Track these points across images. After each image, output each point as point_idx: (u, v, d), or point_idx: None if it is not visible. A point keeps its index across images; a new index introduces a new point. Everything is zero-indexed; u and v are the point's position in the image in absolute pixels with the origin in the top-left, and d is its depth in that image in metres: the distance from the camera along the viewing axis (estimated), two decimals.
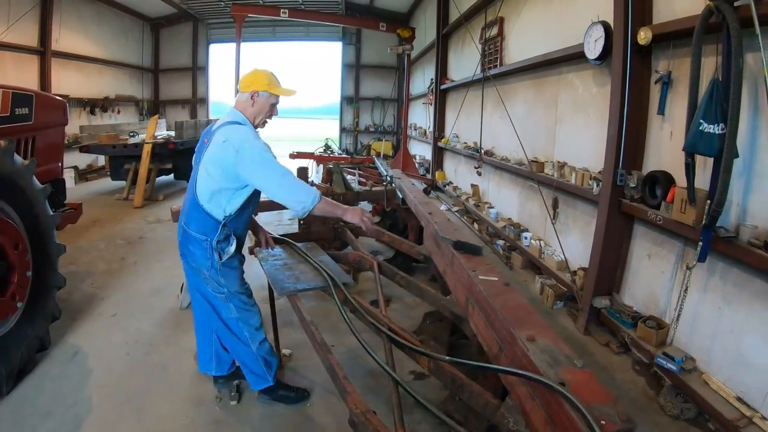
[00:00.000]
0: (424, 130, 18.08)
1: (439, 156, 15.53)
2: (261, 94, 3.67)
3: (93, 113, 18.00)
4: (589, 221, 6.40)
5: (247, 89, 3.67)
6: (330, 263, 4.58)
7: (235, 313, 3.88)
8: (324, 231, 6.53)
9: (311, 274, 4.31)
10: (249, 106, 3.69)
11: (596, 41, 5.68)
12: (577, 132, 6.84)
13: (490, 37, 10.29)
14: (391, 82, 23.92)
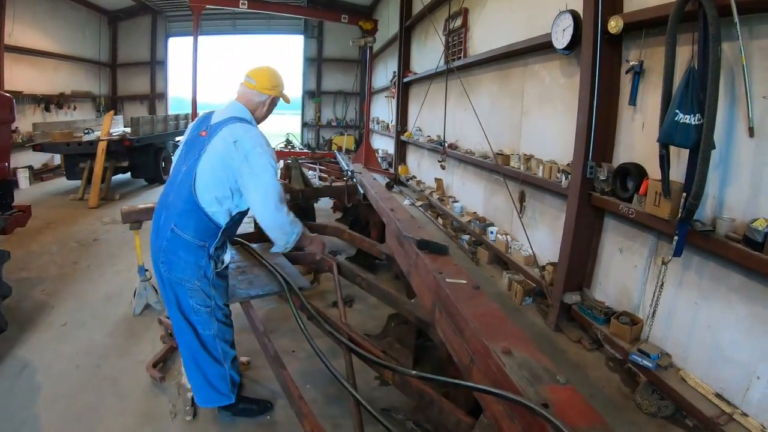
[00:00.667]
0: (387, 123, 17.83)
1: (401, 150, 15.30)
2: (275, 101, 3.56)
3: (48, 110, 17.17)
4: (558, 215, 6.25)
5: (270, 92, 3.46)
6: (286, 266, 4.32)
7: (215, 329, 3.48)
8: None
9: (265, 278, 4.05)
10: (262, 107, 3.49)
11: (564, 30, 5.49)
12: (543, 124, 6.67)
13: (454, 29, 10.07)
14: (354, 76, 23.63)
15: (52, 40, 17.82)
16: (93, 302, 6.10)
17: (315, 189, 7.38)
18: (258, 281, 3.96)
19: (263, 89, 3.42)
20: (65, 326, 5.45)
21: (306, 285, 3.97)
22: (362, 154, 14.47)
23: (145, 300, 5.76)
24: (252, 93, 3.42)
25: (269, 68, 3.53)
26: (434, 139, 11.56)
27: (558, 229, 6.13)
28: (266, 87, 3.42)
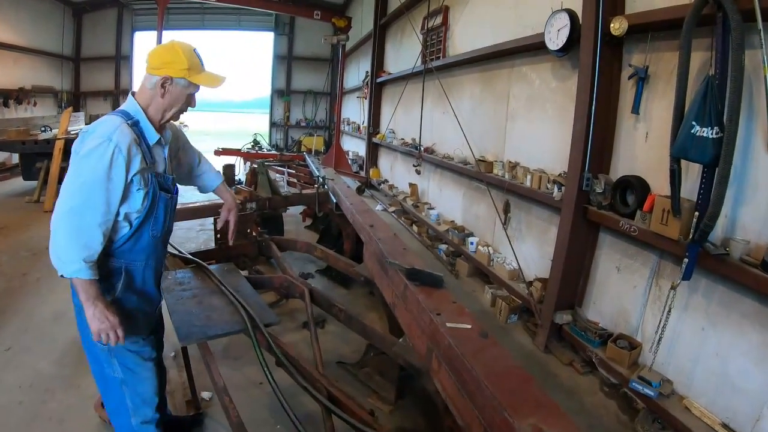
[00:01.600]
0: (358, 125, 17.43)
1: (373, 152, 14.85)
2: (177, 82, 2.62)
3: (6, 105, 16.23)
4: (546, 228, 5.89)
5: (158, 71, 2.59)
6: (250, 294, 3.79)
7: (120, 373, 2.83)
8: (246, 245, 5.77)
9: (227, 310, 3.49)
10: (157, 96, 2.62)
11: (559, 31, 5.09)
12: (532, 130, 6.28)
13: (432, 27, 9.66)
14: (325, 75, 23.07)
15: (12, 31, 16.86)
16: (40, 322, 5.46)
17: (284, 197, 6.82)
18: (217, 315, 3.42)
19: (151, 69, 2.60)
20: (8, 351, 4.81)
21: (274, 320, 3.45)
22: (332, 156, 14.01)
23: None
24: (145, 80, 2.64)
25: (167, 43, 2.69)
26: (409, 142, 11.15)
27: (546, 242, 5.80)
28: (154, 66, 2.60)
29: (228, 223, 3.50)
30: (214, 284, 3.95)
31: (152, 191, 2.64)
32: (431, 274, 3.10)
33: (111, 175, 2.41)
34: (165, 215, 2.77)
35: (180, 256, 4.83)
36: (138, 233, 2.67)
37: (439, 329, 2.51)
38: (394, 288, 3.38)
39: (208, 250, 5.47)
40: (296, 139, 23.72)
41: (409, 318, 3.07)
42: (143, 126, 2.61)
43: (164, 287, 3.76)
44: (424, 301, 2.81)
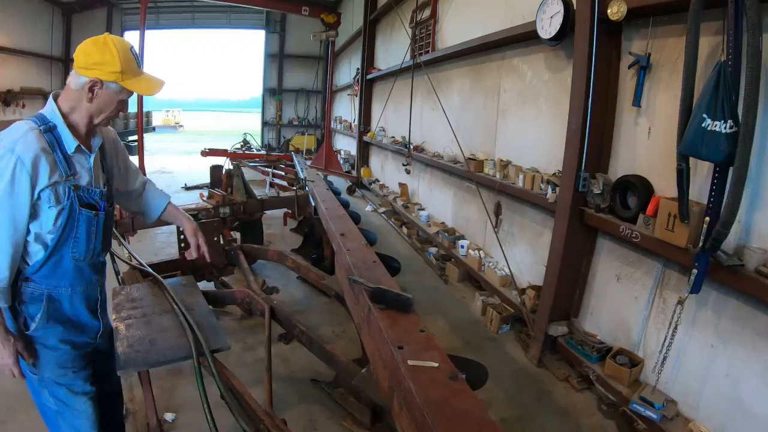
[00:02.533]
0: (350, 123, 17.11)
1: (364, 151, 14.48)
2: (108, 86, 2.25)
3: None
4: (540, 231, 5.48)
5: (86, 72, 2.21)
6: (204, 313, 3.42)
7: (53, 404, 2.50)
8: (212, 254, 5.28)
9: (174, 332, 3.10)
10: (83, 100, 2.25)
11: (552, 18, 4.67)
12: (524, 126, 5.85)
13: (422, 20, 9.26)
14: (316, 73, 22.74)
15: (1, 32, 16.49)
16: None
17: (259, 201, 6.40)
18: (163, 339, 3.02)
19: (80, 68, 2.23)
20: None
21: (224, 346, 3.06)
22: (323, 155, 13.60)
23: None
24: (71, 79, 2.28)
25: (99, 38, 2.29)
26: (399, 140, 10.76)
27: (540, 247, 5.40)
28: (83, 65, 2.22)
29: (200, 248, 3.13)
30: (168, 301, 3.56)
31: (68, 208, 2.25)
32: (398, 295, 2.68)
33: (14, 192, 2.10)
34: (88, 235, 2.37)
35: (139, 268, 4.43)
36: (56, 256, 2.30)
37: (399, 367, 2.08)
38: (359, 308, 2.97)
39: (172, 261, 5.05)
40: (288, 138, 23.40)
41: (372, 346, 2.66)
42: (60, 132, 2.24)
43: (115, 304, 3.43)
44: (387, 330, 2.38)
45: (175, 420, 3.84)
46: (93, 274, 2.51)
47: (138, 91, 2.36)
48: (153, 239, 8.36)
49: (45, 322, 2.34)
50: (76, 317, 2.47)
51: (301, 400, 4.13)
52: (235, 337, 4.99)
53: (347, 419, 3.85)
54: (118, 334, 3.04)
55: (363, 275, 2.99)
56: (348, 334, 5.24)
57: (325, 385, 4.20)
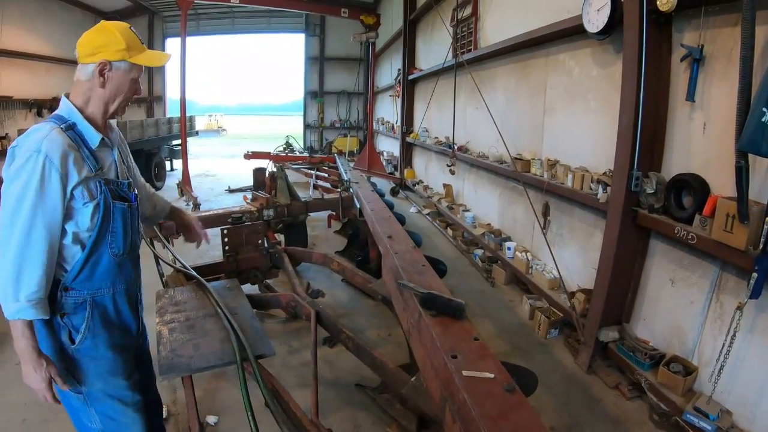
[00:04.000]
0: (392, 124, 17.06)
1: (408, 152, 14.40)
2: (117, 66, 2.23)
3: (40, 114, 16.32)
4: (591, 232, 5.34)
5: (93, 58, 2.19)
6: (248, 318, 3.42)
7: (99, 423, 2.44)
8: (256, 257, 5.38)
9: (218, 337, 3.11)
10: (96, 87, 2.23)
11: (599, 11, 4.54)
12: (572, 124, 5.72)
13: (462, 19, 9.18)
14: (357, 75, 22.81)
15: (44, 42, 17.07)
16: None
17: (304, 203, 6.43)
18: (206, 343, 3.04)
19: (84, 57, 2.22)
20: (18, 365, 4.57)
21: (269, 352, 3.04)
22: (365, 157, 13.62)
23: None
24: (79, 72, 2.26)
25: (97, 25, 2.31)
26: (442, 140, 10.68)
27: (590, 248, 5.26)
28: (86, 53, 2.21)
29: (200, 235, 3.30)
30: (212, 305, 3.59)
31: (103, 202, 2.24)
32: (450, 301, 2.59)
33: (45, 193, 2.05)
34: (125, 228, 2.36)
35: (183, 271, 4.51)
36: (95, 255, 2.27)
37: (453, 377, 2.00)
38: (409, 314, 2.88)
39: (216, 264, 5.17)
40: (331, 140, 23.53)
41: (423, 353, 2.56)
42: (81, 128, 2.21)
43: (159, 307, 3.49)
44: (439, 338, 2.30)
45: (218, 423, 3.88)
46: (132, 269, 2.51)
47: (147, 63, 2.33)
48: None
49: (92, 330, 2.31)
50: (121, 318, 2.45)
51: (345, 405, 4.11)
52: (280, 340, 5.03)
53: (392, 426, 3.80)
54: (162, 338, 3.08)
55: (412, 279, 2.93)
56: (394, 338, 5.22)
57: (370, 391, 4.16)
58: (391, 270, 3.48)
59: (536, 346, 5.25)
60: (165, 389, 4.27)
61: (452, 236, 9.03)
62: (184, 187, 12.98)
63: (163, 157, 16.02)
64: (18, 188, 2.03)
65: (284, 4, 15.50)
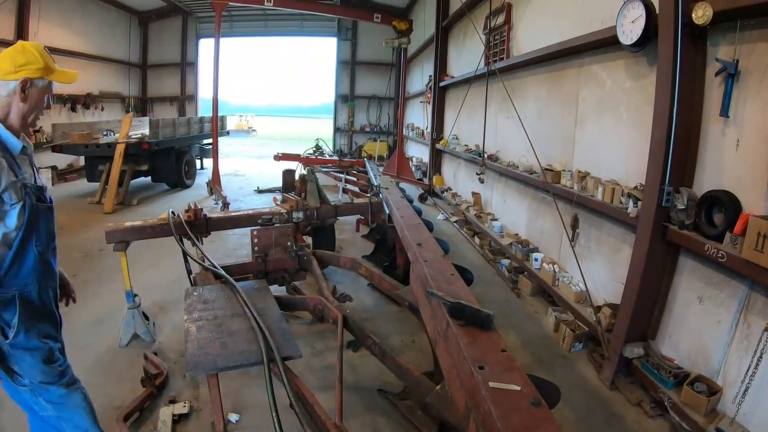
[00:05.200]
0: (422, 130, 17.13)
1: (437, 159, 14.39)
2: (36, 83, 2.52)
3: (74, 110, 17.15)
4: (618, 246, 5.31)
5: (14, 76, 2.45)
6: (275, 319, 3.50)
7: (51, 410, 2.72)
8: (285, 259, 5.43)
9: (245, 337, 3.19)
10: (16, 102, 2.47)
11: (633, 22, 4.53)
12: (603, 136, 5.69)
13: (495, 27, 9.16)
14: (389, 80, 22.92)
15: (80, 39, 17.67)
16: (81, 326, 5.44)
17: (333, 207, 6.45)
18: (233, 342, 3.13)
19: (5, 75, 2.44)
20: None
21: (295, 354, 3.14)
22: (395, 162, 13.66)
23: (133, 329, 5.15)
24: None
25: (15, 45, 2.55)
26: (472, 148, 10.71)
27: (617, 263, 5.23)
28: (8, 71, 2.45)
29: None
30: (240, 304, 3.70)
31: (29, 203, 2.46)
32: (479, 311, 2.62)
33: None
34: (48, 227, 2.61)
35: (212, 270, 4.64)
36: (21, 253, 2.48)
37: (479, 388, 2.03)
38: (436, 322, 2.92)
39: (245, 264, 5.27)
40: (360, 144, 23.76)
41: (449, 363, 2.59)
42: (4, 137, 2.45)
43: (187, 305, 3.68)
44: (467, 348, 2.33)
45: (239, 421, 3.94)
46: (52, 266, 2.71)
47: (63, 80, 2.66)
48: (225, 240, 8.67)
49: (23, 324, 2.49)
50: (48, 311, 2.65)
51: (366, 410, 4.14)
52: (304, 341, 5.10)
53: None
54: (189, 335, 3.19)
55: (441, 288, 2.97)
56: (418, 345, 5.25)
57: (392, 396, 4.18)
58: (420, 277, 3.53)
59: (559, 359, 5.23)
60: (187, 385, 4.41)
61: (479, 245, 9.01)
62: (213, 186, 13.18)
63: (193, 156, 16.34)
64: None
65: (317, 8, 15.65)
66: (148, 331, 5.19)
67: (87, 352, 4.90)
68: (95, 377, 4.48)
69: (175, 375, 4.57)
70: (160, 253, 7.51)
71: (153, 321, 5.43)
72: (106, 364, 4.78)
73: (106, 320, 5.61)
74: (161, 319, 5.75)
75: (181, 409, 3.95)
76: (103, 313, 5.82)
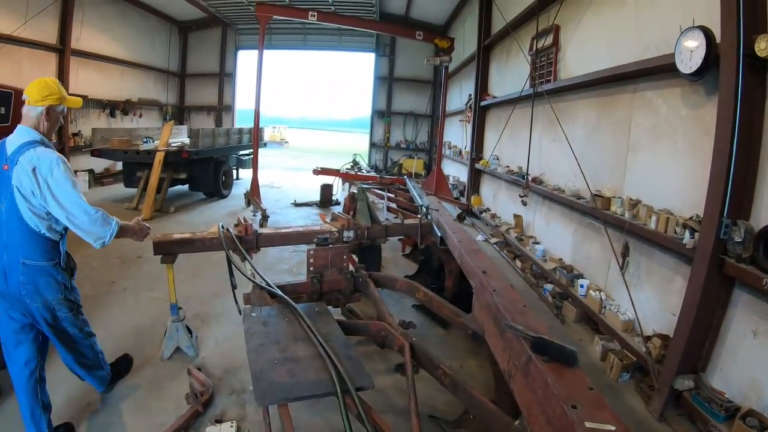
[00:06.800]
0: (459, 149, 17.23)
1: (476, 179, 14.46)
2: (56, 108, 3.62)
3: (113, 116, 17.69)
4: (670, 277, 5.31)
5: (42, 103, 3.52)
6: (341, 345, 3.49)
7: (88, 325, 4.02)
8: (340, 280, 5.34)
9: (313, 364, 3.21)
10: (43, 121, 3.55)
11: (693, 51, 4.59)
12: (657, 163, 5.69)
13: (542, 48, 9.20)
14: (425, 97, 23.27)
15: (120, 46, 18.23)
16: (121, 335, 5.60)
17: (384, 227, 6.32)
18: (302, 370, 3.15)
19: (35, 102, 3.51)
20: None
21: (368, 385, 3.15)
22: (433, 180, 13.73)
23: (176, 343, 5.23)
24: (28, 109, 3.53)
25: (39, 80, 3.59)
26: (514, 170, 10.71)
27: (668, 293, 5.25)
28: (36, 99, 3.50)
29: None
30: (302, 328, 3.75)
31: None
32: (563, 347, 2.63)
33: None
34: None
35: (267, 289, 4.67)
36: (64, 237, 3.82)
37: (574, 428, 2.06)
38: (512, 356, 2.94)
39: (299, 283, 5.20)
40: (396, 160, 23.92)
41: (530, 398, 2.61)
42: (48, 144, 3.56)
43: (247, 328, 3.74)
44: (555, 385, 2.34)
45: None
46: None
47: (73, 106, 3.93)
48: (264, 255, 8.58)
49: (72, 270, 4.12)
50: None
51: None
52: None
53: None
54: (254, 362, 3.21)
55: (515, 319, 2.99)
56: (466, 370, 5.25)
57: (444, 424, 4.14)
58: (489, 307, 3.56)
59: (606, 389, 5.20)
60: (233, 403, 4.47)
61: (521, 268, 9.01)
62: (252, 198, 13.24)
63: (231, 166, 16.63)
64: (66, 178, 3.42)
65: (360, 24, 15.91)
66: (191, 346, 5.25)
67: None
68: (137, 390, 4.62)
69: (220, 392, 4.62)
70: (199, 263, 7.67)
71: (195, 335, 5.46)
72: (149, 376, 4.86)
73: (145, 330, 5.74)
74: (203, 332, 5.82)
75: (229, 429, 3.99)
76: (143, 322, 5.97)
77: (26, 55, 13.53)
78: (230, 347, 5.52)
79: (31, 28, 13.22)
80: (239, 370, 5.03)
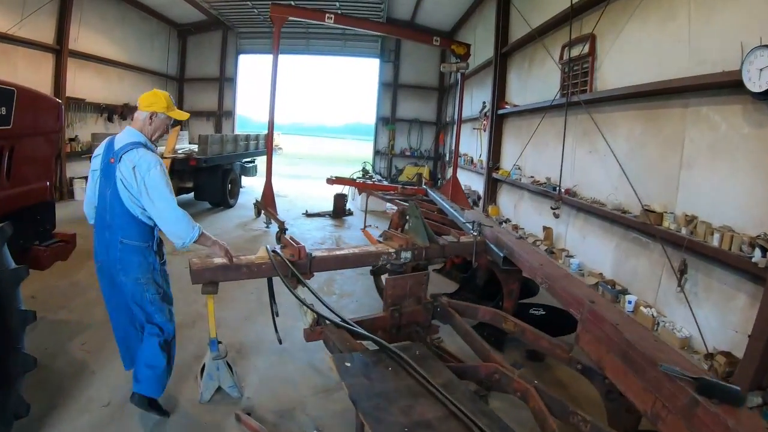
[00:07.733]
0: (471, 157, 17.28)
1: (492, 188, 14.46)
2: (159, 116, 4.15)
3: (111, 120, 17.50)
4: (732, 294, 5.42)
5: (147, 109, 4.10)
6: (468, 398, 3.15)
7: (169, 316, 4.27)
8: (418, 312, 4.98)
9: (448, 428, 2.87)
10: (147, 125, 4.11)
11: (762, 71, 4.70)
12: (715, 181, 5.78)
13: (575, 57, 9.21)
14: (430, 104, 23.37)
15: (119, 48, 18.18)
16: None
17: (441, 246, 5.74)
18: None
19: (142, 108, 4.12)
20: (107, 407, 4.42)
21: None
22: (449, 188, 13.76)
23: (217, 383, 4.65)
24: (138, 114, 4.14)
25: (151, 91, 4.25)
26: (541, 181, 10.74)
27: (730, 310, 5.37)
28: (144, 105, 4.11)
29: None
30: (413, 379, 3.39)
31: None
32: (729, 387, 2.54)
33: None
34: None
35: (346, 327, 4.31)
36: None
37: None
38: (662, 397, 2.80)
39: (378, 317, 4.80)
40: (400, 168, 23.88)
41: None
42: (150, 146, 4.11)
43: (349, 384, 3.33)
44: (736, 428, 2.24)
45: None
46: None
47: (176, 117, 4.34)
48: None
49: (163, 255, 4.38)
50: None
51: None
52: None
53: None
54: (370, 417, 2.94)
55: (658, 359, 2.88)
56: None
57: None
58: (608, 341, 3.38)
59: None
60: None
61: None
62: (266, 209, 12.84)
63: (237, 174, 16.50)
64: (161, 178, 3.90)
65: (376, 28, 15.95)
66: (235, 386, 4.71)
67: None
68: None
69: None
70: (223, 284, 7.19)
71: (235, 370, 4.84)
72: (185, 423, 4.34)
73: (177, 365, 4.65)
74: (242, 365, 5.29)
75: None
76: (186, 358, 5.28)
77: (22, 55, 13.38)
78: (278, 384, 5.06)
79: (27, 26, 13.09)
80: (295, 412, 4.60)
